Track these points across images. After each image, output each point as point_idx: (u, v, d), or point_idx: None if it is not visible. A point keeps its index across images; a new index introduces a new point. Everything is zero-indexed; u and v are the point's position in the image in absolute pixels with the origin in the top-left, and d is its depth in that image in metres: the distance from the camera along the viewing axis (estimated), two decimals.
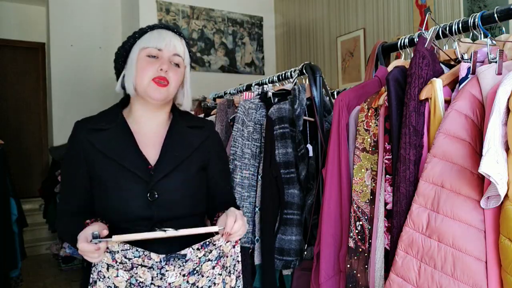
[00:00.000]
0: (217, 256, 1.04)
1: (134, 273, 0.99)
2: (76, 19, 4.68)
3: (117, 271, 0.98)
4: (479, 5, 2.82)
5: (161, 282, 0.99)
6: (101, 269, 0.98)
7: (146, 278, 0.99)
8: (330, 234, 1.19)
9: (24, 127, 5.35)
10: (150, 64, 1.09)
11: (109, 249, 0.97)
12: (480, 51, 0.97)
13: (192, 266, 1.01)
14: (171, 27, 1.16)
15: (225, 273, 1.06)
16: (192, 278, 1.02)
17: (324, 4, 4.24)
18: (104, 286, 0.98)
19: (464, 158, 0.85)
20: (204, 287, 1.03)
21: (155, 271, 0.99)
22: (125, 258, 0.98)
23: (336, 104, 1.21)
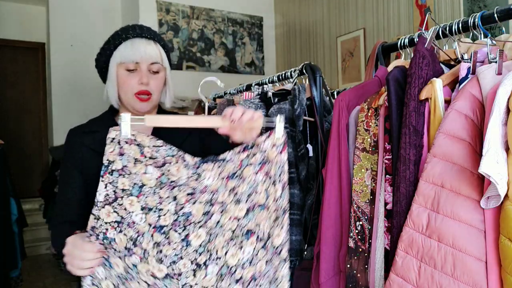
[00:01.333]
0: (261, 161, 0.90)
1: (166, 170, 0.87)
2: (76, 19, 4.68)
3: (145, 167, 0.86)
4: (479, 5, 2.82)
5: (196, 184, 0.88)
6: (127, 164, 0.86)
7: (181, 177, 0.87)
8: (330, 234, 1.19)
9: (24, 127, 5.35)
10: (130, 78, 1.09)
11: (137, 141, 0.86)
12: (480, 51, 0.97)
13: (233, 168, 0.89)
14: (144, 34, 1.13)
15: (269, 182, 0.91)
16: (231, 182, 0.89)
17: (324, 4, 4.24)
18: (130, 182, 0.86)
19: (464, 158, 0.85)
20: (244, 194, 0.90)
21: (190, 170, 0.88)
22: (157, 153, 0.87)
23: (336, 104, 1.21)
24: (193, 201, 0.88)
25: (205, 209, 0.89)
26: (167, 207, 0.87)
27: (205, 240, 0.88)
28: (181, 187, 0.88)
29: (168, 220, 0.87)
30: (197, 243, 0.88)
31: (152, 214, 0.86)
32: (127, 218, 0.86)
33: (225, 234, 0.89)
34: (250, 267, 0.91)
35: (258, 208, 0.91)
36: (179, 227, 0.87)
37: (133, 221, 0.86)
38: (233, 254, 0.90)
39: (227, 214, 0.90)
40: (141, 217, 0.86)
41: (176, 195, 0.88)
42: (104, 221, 0.85)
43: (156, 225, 0.86)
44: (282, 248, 0.93)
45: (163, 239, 0.86)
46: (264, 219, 0.92)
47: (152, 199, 0.87)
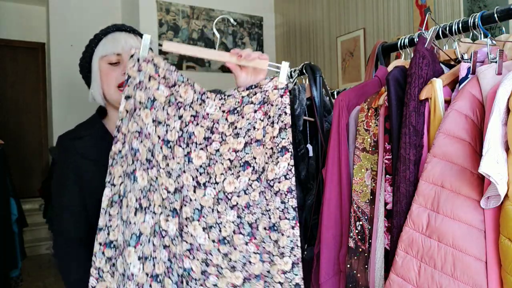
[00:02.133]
0: (261, 100, 0.98)
1: (175, 91, 0.95)
2: (76, 19, 4.68)
3: (158, 84, 0.95)
4: (479, 5, 2.83)
5: (199, 108, 0.96)
6: (143, 79, 0.94)
7: (187, 98, 0.95)
8: (330, 234, 1.19)
9: (24, 127, 5.35)
10: (113, 71, 1.10)
11: (154, 62, 0.95)
12: (480, 51, 0.97)
13: (234, 104, 0.98)
14: (124, 27, 1.15)
15: (267, 121, 0.98)
16: (231, 116, 0.98)
17: (324, 4, 4.24)
18: (145, 96, 0.94)
19: (464, 158, 0.85)
20: (243, 129, 0.98)
21: (196, 94, 0.96)
22: (169, 75, 0.95)
23: (336, 104, 1.21)
24: (196, 123, 0.97)
25: (206, 134, 0.97)
26: (173, 124, 0.96)
27: (205, 163, 0.97)
28: (186, 107, 0.96)
29: (174, 136, 0.96)
30: (197, 163, 0.96)
31: (161, 128, 0.95)
32: (144, 129, 0.94)
33: (224, 162, 0.97)
34: (245, 195, 0.98)
35: (255, 144, 0.98)
36: (183, 143, 0.96)
37: (148, 132, 0.94)
38: (230, 182, 0.97)
39: (227, 145, 0.98)
40: (152, 129, 0.94)
41: (181, 114, 0.96)
42: (130, 131, 0.94)
43: (164, 139, 0.95)
44: (275, 182, 0.98)
45: (169, 152, 0.95)
46: (260, 154, 0.98)
47: (161, 114, 0.95)
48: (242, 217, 0.97)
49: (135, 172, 0.93)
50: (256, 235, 0.98)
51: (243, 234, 0.97)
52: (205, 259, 0.96)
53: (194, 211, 0.95)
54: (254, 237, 0.98)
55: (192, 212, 0.95)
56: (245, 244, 0.97)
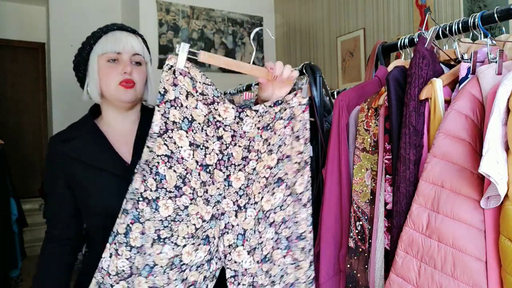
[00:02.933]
0: (289, 116, 0.98)
1: (214, 109, 0.89)
2: (76, 19, 4.68)
3: (196, 102, 0.87)
4: (479, 5, 2.83)
5: (237, 127, 0.92)
6: (179, 96, 0.86)
7: (227, 118, 0.90)
8: (330, 234, 1.19)
9: (24, 127, 5.35)
10: (113, 69, 1.09)
11: (190, 75, 0.87)
12: (480, 51, 0.97)
13: (268, 120, 0.95)
14: (125, 27, 1.14)
15: (293, 137, 1.00)
16: (265, 133, 0.96)
17: (324, 4, 4.24)
18: (180, 115, 0.86)
19: (464, 158, 0.85)
20: (275, 145, 0.97)
21: (235, 113, 0.91)
22: (207, 90, 0.88)
23: (336, 104, 1.21)
24: (234, 143, 0.93)
25: (243, 153, 0.94)
26: (212, 146, 0.90)
27: (244, 184, 0.94)
28: (226, 127, 0.91)
29: (213, 160, 0.90)
30: (237, 185, 0.93)
31: (199, 151, 0.88)
32: (176, 153, 0.86)
33: (260, 181, 0.95)
34: (281, 211, 0.99)
35: (286, 159, 0.99)
36: (223, 166, 0.91)
37: (182, 156, 0.87)
38: (267, 200, 0.97)
39: (262, 163, 0.96)
40: (189, 153, 0.87)
41: (221, 135, 0.91)
42: (156, 153, 0.85)
43: (203, 163, 0.89)
44: (302, 196, 1.02)
45: (208, 178, 0.89)
46: (290, 169, 0.99)
47: (200, 135, 0.88)
48: (280, 232, 0.98)
49: (157, 200, 0.86)
50: (292, 247, 1.00)
51: (280, 248, 0.98)
52: (252, 282, 0.94)
53: (237, 236, 0.93)
54: (290, 249, 1.00)
55: (235, 238, 0.92)
56: (282, 257, 0.99)
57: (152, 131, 0.86)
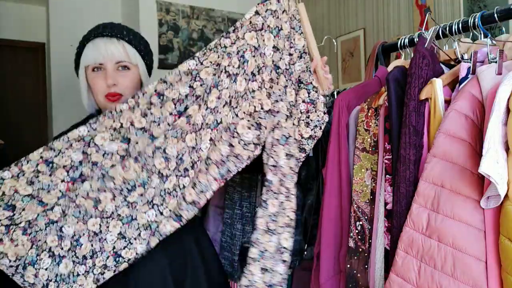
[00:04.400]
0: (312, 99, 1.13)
1: (293, 33, 1.10)
2: (76, 19, 4.67)
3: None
4: (479, 5, 2.83)
5: (296, 59, 1.12)
6: (278, 9, 1.08)
7: (298, 44, 1.11)
8: (330, 234, 1.19)
9: (24, 127, 5.34)
10: (98, 79, 1.08)
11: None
12: (480, 51, 0.97)
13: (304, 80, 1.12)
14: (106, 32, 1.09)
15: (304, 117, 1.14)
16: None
17: (324, 4, 4.24)
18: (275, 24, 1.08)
19: (464, 158, 0.85)
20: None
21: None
22: (293, 18, 1.10)
23: (336, 104, 1.21)
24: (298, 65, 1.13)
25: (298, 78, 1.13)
26: (284, 57, 1.10)
27: (293, 102, 1.11)
28: (296, 50, 1.13)
29: (283, 66, 1.10)
30: (290, 98, 1.09)
31: (277, 54, 1.09)
32: (261, 48, 1.07)
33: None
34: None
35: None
36: (287, 75, 1.10)
37: (264, 52, 1.07)
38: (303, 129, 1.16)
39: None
40: (270, 53, 1.08)
41: (291, 53, 1.12)
42: (247, 42, 1.05)
43: (276, 64, 1.09)
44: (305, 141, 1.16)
45: (275, 77, 1.09)
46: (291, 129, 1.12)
47: (281, 43, 1.10)
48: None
49: (237, 76, 1.05)
50: None
51: None
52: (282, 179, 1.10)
53: (282, 136, 1.08)
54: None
55: (280, 136, 1.08)
56: None
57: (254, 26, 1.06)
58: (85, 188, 0.98)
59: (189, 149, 1.01)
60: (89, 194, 0.98)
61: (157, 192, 1.00)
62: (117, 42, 1.09)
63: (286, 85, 1.08)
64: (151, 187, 1.00)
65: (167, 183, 1.00)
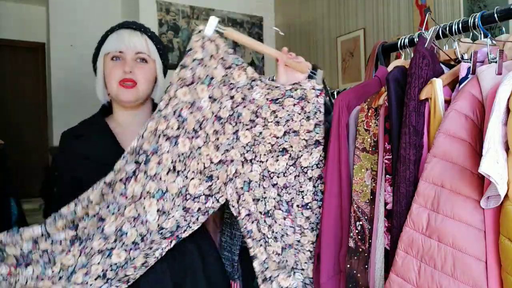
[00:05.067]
0: (300, 96, 1.10)
1: (230, 73, 1.06)
2: (76, 19, 4.67)
3: (217, 64, 1.05)
4: (479, 5, 2.83)
5: (247, 92, 1.07)
6: (205, 57, 1.03)
7: (239, 81, 1.06)
8: (330, 234, 1.19)
9: (24, 127, 5.34)
10: (115, 67, 1.10)
11: (216, 42, 1.03)
12: (480, 51, 0.97)
13: (277, 95, 1.08)
14: (131, 25, 1.14)
15: (303, 116, 1.11)
16: (273, 105, 1.09)
17: (324, 4, 4.24)
18: (204, 72, 1.03)
19: (464, 158, 0.85)
20: (283, 119, 1.10)
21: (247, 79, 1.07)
22: (227, 57, 1.05)
23: (336, 104, 1.21)
24: (243, 105, 1.07)
25: (251, 117, 1.08)
26: (225, 103, 1.06)
27: (251, 142, 1.08)
28: (238, 89, 1.06)
29: (226, 114, 1.06)
30: (244, 141, 1.08)
31: (215, 104, 1.05)
32: (197, 102, 1.03)
33: (266, 145, 1.10)
34: (283, 177, 1.12)
35: (292, 134, 1.11)
36: (233, 122, 1.07)
37: (201, 105, 1.04)
38: (271, 164, 1.11)
39: (268, 130, 1.10)
40: (207, 105, 1.04)
41: (233, 95, 1.06)
42: (180, 100, 1.02)
43: (217, 115, 1.05)
44: (308, 169, 1.14)
45: (220, 128, 1.06)
46: (296, 143, 1.11)
47: (217, 91, 1.05)
48: (281, 195, 1.11)
49: (178, 137, 1.02)
50: (292, 212, 1.12)
51: (282, 210, 1.11)
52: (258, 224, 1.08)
53: (243, 182, 1.08)
54: (290, 213, 1.12)
55: (242, 184, 1.08)
56: (283, 219, 1.11)
57: (179, 77, 1.02)
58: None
59: (129, 221, 1.01)
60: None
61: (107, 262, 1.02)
62: (140, 35, 1.14)
63: (236, 130, 1.07)
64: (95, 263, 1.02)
65: (113, 258, 1.01)
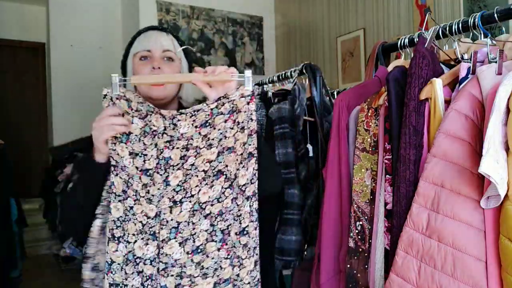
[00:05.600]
0: (230, 110, 1.02)
1: (148, 121, 1.00)
2: (76, 19, 4.68)
3: (132, 118, 1.00)
4: (479, 5, 2.83)
5: (173, 132, 1.01)
6: None
7: (159, 126, 1.00)
8: (330, 234, 1.19)
9: (24, 127, 5.34)
10: (144, 65, 1.13)
11: (126, 97, 0.99)
12: (480, 51, 0.97)
13: (204, 117, 1.01)
14: (157, 26, 1.21)
15: (237, 128, 1.03)
16: (204, 130, 1.02)
17: (324, 4, 4.24)
18: (118, 134, 1.00)
19: (464, 158, 0.85)
20: (215, 139, 1.02)
21: (167, 121, 1.01)
22: (141, 107, 1.00)
23: (336, 104, 1.21)
24: (171, 147, 1.01)
25: (182, 153, 1.01)
26: (151, 153, 1.01)
27: (182, 180, 1.01)
28: (159, 135, 1.01)
29: (152, 164, 1.00)
30: (175, 183, 1.01)
31: (138, 159, 1.00)
32: (120, 162, 0.99)
33: (198, 174, 1.02)
34: (218, 203, 1.02)
35: (226, 152, 1.02)
36: (161, 170, 1.01)
37: (124, 165, 0.99)
38: (204, 192, 1.02)
39: (201, 157, 1.02)
40: (129, 161, 1.00)
41: (157, 142, 1.01)
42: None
43: (143, 168, 1.00)
44: (246, 187, 1.04)
45: (149, 181, 1.00)
46: (232, 161, 1.03)
47: (138, 145, 1.00)
48: (215, 224, 1.02)
49: (110, 204, 0.99)
50: (227, 240, 1.02)
51: (215, 241, 1.02)
52: (180, 272, 1.00)
53: (170, 230, 1.00)
54: (225, 243, 1.02)
55: (169, 233, 1.00)
56: (217, 250, 1.02)
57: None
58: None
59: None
60: None
61: None
62: (166, 35, 1.18)
63: (166, 177, 1.02)
64: None
65: None
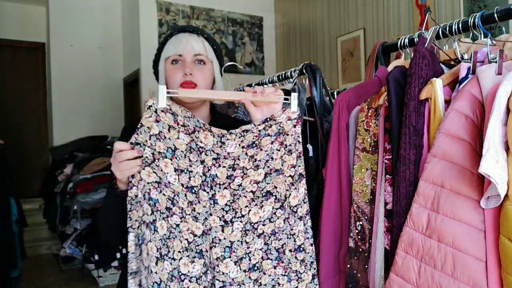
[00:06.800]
0: (277, 132, 1.03)
1: (195, 137, 0.99)
2: (76, 19, 4.68)
3: (178, 133, 0.99)
4: (479, 5, 2.83)
5: (220, 150, 1.01)
6: (162, 130, 0.98)
7: (207, 143, 1.00)
8: (330, 234, 1.19)
9: (24, 127, 5.35)
10: (176, 70, 1.12)
11: (172, 111, 0.98)
12: (480, 51, 0.97)
13: (252, 138, 1.02)
14: (188, 28, 1.18)
15: (284, 151, 1.04)
16: (250, 150, 1.03)
17: (324, 4, 4.25)
18: (164, 146, 0.98)
19: (464, 158, 0.85)
20: (262, 160, 1.03)
21: (216, 138, 1.00)
22: (188, 122, 0.99)
23: (336, 104, 1.21)
24: (218, 165, 1.01)
25: (228, 172, 1.02)
26: (196, 170, 1.00)
27: (230, 199, 1.02)
28: (207, 152, 1.00)
29: (197, 181, 1.00)
30: (223, 202, 1.01)
31: (184, 175, 0.99)
32: (164, 179, 0.98)
33: (247, 195, 1.03)
34: (270, 223, 1.04)
35: (274, 173, 1.04)
36: (207, 187, 1.01)
37: (168, 181, 0.98)
38: (255, 213, 1.03)
39: (248, 178, 1.03)
40: (174, 178, 0.98)
41: (203, 159, 1.00)
42: (146, 181, 0.97)
43: (188, 185, 1.00)
44: (298, 208, 1.06)
45: (194, 198, 1.00)
46: (281, 183, 1.04)
47: (183, 161, 0.99)
48: (269, 243, 1.04)
49: (155, 222, 0.97)
50: (283, 259, 1.05)
51: (271, 259, 1.04)
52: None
53: (224, 249, 1.01)
54: (281, 261, 1.05)
55: (223, 251, 1.01)
56: (273, 268, 1.04)
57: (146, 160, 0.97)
58: None
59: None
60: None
61: None
62: (197, 37, 1.16)
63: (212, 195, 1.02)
64: None
65: None
